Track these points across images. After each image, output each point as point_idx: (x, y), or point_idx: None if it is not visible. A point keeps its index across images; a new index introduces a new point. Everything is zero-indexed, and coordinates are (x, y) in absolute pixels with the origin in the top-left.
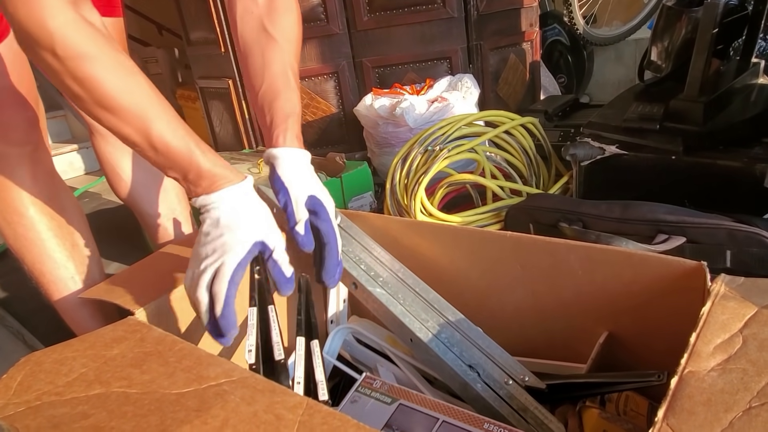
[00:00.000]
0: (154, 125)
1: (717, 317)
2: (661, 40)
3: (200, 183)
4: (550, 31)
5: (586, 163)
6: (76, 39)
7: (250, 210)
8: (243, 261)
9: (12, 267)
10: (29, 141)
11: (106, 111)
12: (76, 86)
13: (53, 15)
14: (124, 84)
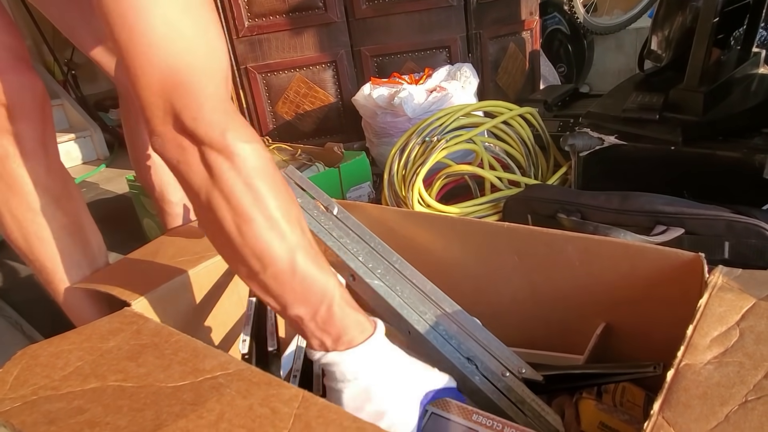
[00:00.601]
0: (299, 261)
1: (714, 309)
2: (662, 29)
3: (329, 330)
4: (550, 20)
5: (584, 154)
6: (243, 127)
7: (398, 369)
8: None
9: (9, 256)
10: (40, 117)
11: (246, 242)
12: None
13: (222, 101)
14: (282, 209)
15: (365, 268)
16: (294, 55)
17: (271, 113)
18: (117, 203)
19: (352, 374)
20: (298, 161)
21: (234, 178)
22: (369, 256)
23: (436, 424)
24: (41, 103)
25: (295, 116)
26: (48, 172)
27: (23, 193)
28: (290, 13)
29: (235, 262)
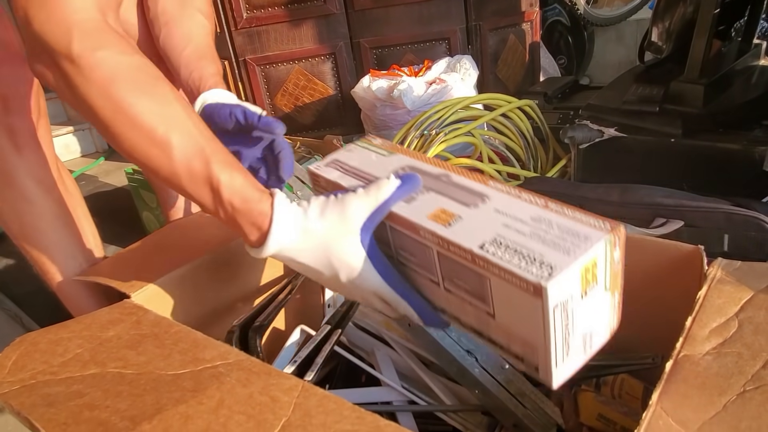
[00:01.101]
0: (175, 141)
1: (713, 301)
2: (662, 20)
3: (238, 225)
4: (550, 11)
5: (584, 146)
6: (96, 37)
7: (318, 225)
8: (372, 252)
9: (9, 249)
10: (33, 109)
11: (124, 122)
12: (91, 91)
13: (75, 11)
14: (148, 89)
15: None
16: (293, 47)
17: (270, 106)
18: (116, 196)
19: (287, 260)
20: (297, 154)
21: (87, 90)
22: None
23: (398, 237)
24: (35, 96)
25: (294, 109)
26: (42, 163)
27: (17, 185)
28: (289, 5)
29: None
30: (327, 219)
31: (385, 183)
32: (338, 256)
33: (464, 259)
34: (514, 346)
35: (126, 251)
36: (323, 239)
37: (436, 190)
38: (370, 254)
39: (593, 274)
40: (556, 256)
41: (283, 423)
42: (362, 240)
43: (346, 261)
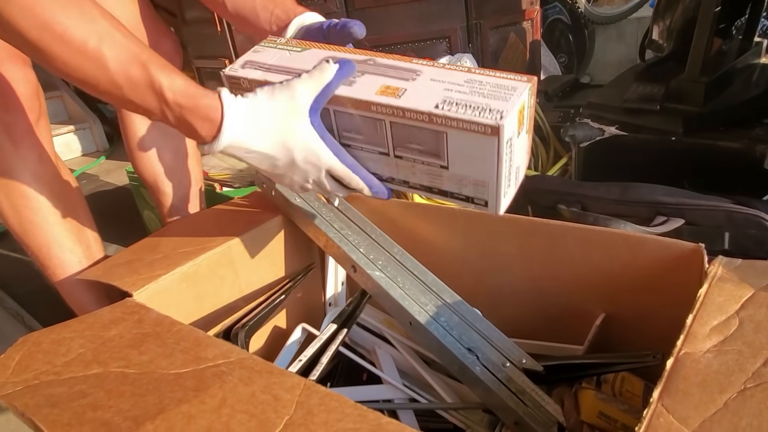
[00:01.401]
0: (106, 51)
1: (714, 299)
2: (663, 18)
3: (188, 124)
4: (550, 10)
5: (585, 145)
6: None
7: (269, 107)
8: (321, 132)
9: (11, 248)
10: (32, 108)
11: (53, 38)
12: (13, 13)
13: None
14: (71, 5)
15: (366, 260)
16: None
17: None
18: (117, 195)
19: (243, 150)
20: None
21: (9, 12)
22: (370, 247)
23: (343, 119)
24: (34, 95)
25: None
26: (40, 160)
27: (16, 181)
28: None
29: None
30: (277, 101)
31: (327, 66)
32: (293, 136)
33: (421, 122)
34: (466, 189)
35: (127, 250)
36: (276, 122)
37: (370, 72)
38: (320, 134)
39: (522, 115)
40: (499, 104)
41: (285, 421)
42: (312, 121)
43: (301, 140)
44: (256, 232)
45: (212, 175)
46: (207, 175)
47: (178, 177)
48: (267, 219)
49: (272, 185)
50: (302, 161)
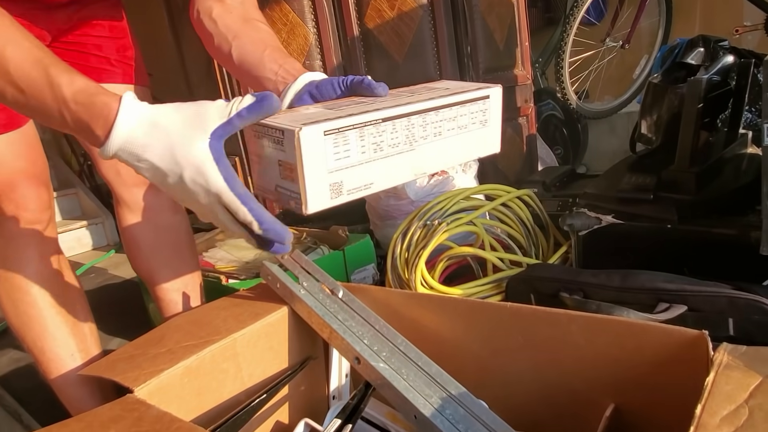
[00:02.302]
0: (9, 54)
1: (721, 388)
2: (650, 114)
3: (84, 122)
4: (544, 106)
5: (583, 233)
6: None
7: (169, 118)
8: (217, 155)
9: (10, 344)
10: (41, 220)
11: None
12: None
13: None
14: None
15: (370, 351)
16: None
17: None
18: (124, 288)
19: (133, 157)
20: (303, 244)
21: None
22: (374, 338)
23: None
24: (45, 208)
25: None
26: (42, 259)
27: (17, 277)
28: None
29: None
30: (180, 114)
31: (245, 97)
32: (185, 154)
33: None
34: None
35: (131, 344)
36: (172, 135)
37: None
38: (217, 159)
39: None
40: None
41: None
42: (211, 144)
43: (192, 160)
44: (261, 324)
45: (218, 267)
46: (213, 267)
47: (175, 271)
48: (272, 311)
49: (277, 278)
50: (190, 181)
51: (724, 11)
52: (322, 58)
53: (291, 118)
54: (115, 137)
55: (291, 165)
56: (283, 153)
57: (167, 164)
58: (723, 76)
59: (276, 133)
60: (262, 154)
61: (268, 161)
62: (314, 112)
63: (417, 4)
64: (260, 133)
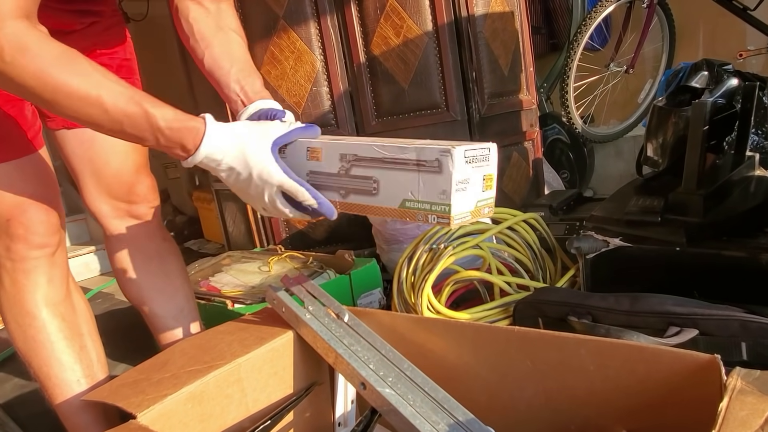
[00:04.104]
0: (105, 97)
1: (736, 413)
2: (656, 137)
3: (177, 142)
4: (550, 131)
5: (591, 256)
6: (24, 40)
7: (242, 131)
8: (276, 157)
9: (15, 371)
10: (49, 244)
11: (63, 95)
12: (30, 81)
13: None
14: (71, 68)
15: (376, 376)
16: None
17: (284, 222)
18: (131, 314)
19: (215, 162)
20: (309, 269)
21: (24, 79)
22: (380, 363)
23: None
24: (54, 232)
25: (308, 224)
26: (50, 284)
27: (25, 302)
28: None
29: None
30: (251, 128)
31: (295, 123)
32: (253, 156)
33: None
34: None
35: (135, 369)
36: (245, 142)
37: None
38: (276, 159)
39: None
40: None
41: None
42: (272, 149)
43: (259, 160)
44: (266, 348)
45: (224, 291)
46: (219, 291)
47: (168, 298)
48: (277, 335)
49: (283, 302)
50: (257, 177)
51: (727, 36)
52: (328, 85)
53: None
54: (203, 149)
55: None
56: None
57: (239, 165)
58: (728, 99)
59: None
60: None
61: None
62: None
63: (422, 31)
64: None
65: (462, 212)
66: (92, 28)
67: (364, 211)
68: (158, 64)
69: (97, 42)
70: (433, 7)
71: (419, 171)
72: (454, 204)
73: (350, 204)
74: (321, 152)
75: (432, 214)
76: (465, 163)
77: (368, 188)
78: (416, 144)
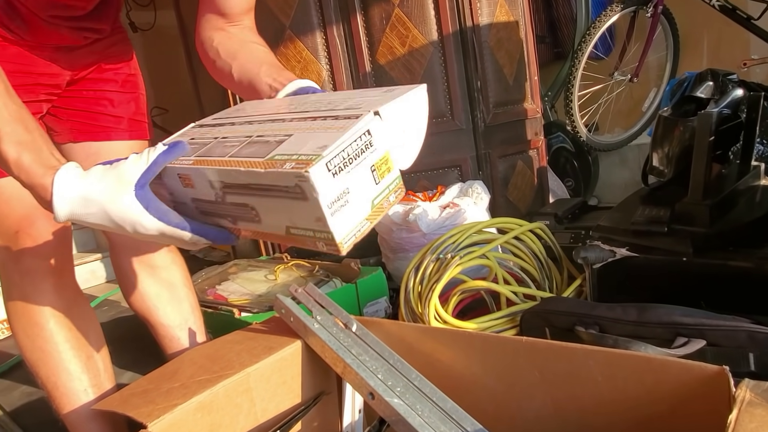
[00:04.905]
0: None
1: (745, 425)
2: (661, 147)
3: (36, 196)
4: (554, 139)
5: (598, 266)
6: None
7: (94, 190)
8: (147, 201)
9: (22, 378)
10: (57, 254)
11: None
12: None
13: None
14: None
15: (384, 386)
16: None
17: None
18: (136, 322)
19: (80, 222)
20: (315, 277)
21: None
22: (388, 373)
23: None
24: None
25: None
26: (58, 294)
27: (33, 312)
28: None
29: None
30: (105, 182)
31: (155, 148)
32: (118, 215)
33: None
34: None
35: (145, 379)
36: (103, 203)
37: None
38: (147, 206)
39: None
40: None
41: None
42: (138, 195)
43: (126, 217)
44: (275, 358)
45: (231, 300)
46: (226, 300)
47: (174, 307)
48: (285, 345)
49: (291, 311)
50: (133, 232)
51: (731, 45)
52: None
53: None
54: (59, 215)
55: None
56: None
57: (108, 223)
58: (733, 109)
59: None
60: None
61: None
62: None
63: (428, 40)
64: (247, 190)
65: (351, 231)
66: (96, 44)
67: (259, 236)
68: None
69: (102, 57)
70: (438, 17)
71: (286, 197)
72: (336, 230)
73: (242, 229)
74: (191, 179)
75: (319, 240)
76: (333, 176)
77: (249, 215)
78: (276, 164)
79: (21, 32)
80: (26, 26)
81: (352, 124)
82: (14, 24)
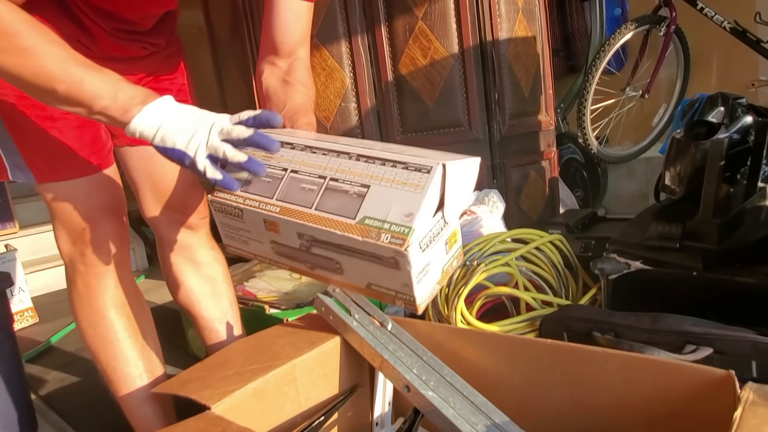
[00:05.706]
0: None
1: (748, 421)
2: (674, 166)
3: (124, 108)
4: (565, 150)
5: (613, 277)
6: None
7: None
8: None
9: (55, 364)
10: (117, 251)
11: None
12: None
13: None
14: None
15: (419, 380)
16: None
17: None
18: (160, 313)
19: (153, 126)
20: None
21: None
22: (422, 369)
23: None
24: (123, 243)
25: None
26: (117, 288)
27: (96, 304)
28: None
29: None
30: (202, 114)
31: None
32: (196, 132)
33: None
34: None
35: (195, 368)
36: (195, 120)
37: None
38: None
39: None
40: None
41: None
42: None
43: (198, 138)
44: (317, 351)
45: (261, 297)
46: (255, 297)
47: (214, 302)
48: (326, 340)
49: (331, 309)
50: (193, 152)
51: (740, 65)
52: (357, 101)
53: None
54: (145, 117)
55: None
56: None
57: (183, 137)
58: (742, 135)
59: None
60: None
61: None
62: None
63: (449, 53)
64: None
65: (427, 293)
66: (154, 56)
67: (332, 282)
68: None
69: (159, 68)
70: (459, 31)
71: (377, 263)
72: (418, 293)
73: (318, 275)
74: (278, 227)
75: (398, 299)
76: (422, 252)
77: (332, 267)
78: (371, 232)
79: (89, 44)
80: (93, 39)
81: (427, 181)
82: (84, 37)
